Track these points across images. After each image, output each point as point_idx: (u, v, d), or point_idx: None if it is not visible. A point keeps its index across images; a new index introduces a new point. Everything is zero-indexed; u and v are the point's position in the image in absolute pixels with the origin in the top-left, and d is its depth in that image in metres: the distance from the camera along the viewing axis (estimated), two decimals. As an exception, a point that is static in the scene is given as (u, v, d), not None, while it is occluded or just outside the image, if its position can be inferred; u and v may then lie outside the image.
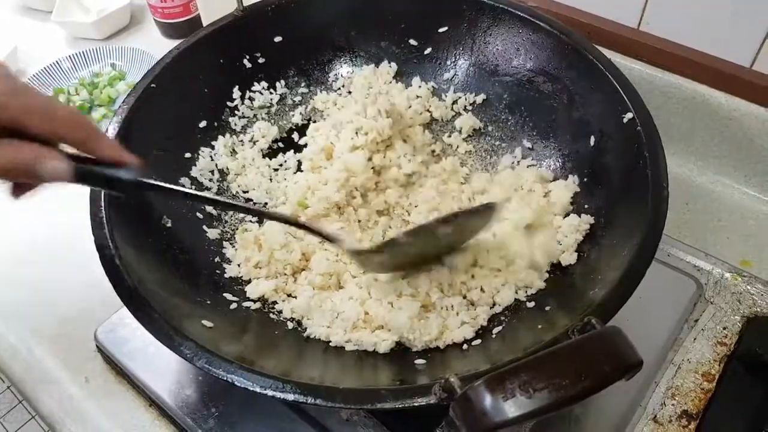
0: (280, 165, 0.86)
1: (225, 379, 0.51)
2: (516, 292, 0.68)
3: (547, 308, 0.64)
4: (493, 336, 0.64)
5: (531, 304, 0.66)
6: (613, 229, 0.67)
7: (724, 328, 0.75)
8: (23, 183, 0.51)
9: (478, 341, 0.63)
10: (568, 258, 0.69)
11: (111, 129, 0.71)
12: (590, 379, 0.43)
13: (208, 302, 0.66)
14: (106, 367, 0.75)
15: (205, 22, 1.11)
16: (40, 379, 0.74)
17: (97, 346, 0.76)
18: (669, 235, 0.83)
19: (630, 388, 0.70)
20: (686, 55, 0.90)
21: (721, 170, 0.93)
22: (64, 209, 0.90)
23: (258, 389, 0.51)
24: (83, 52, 1.16)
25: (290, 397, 0.50)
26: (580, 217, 0.72)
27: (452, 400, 0.44)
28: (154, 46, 1.16)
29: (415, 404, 0.48)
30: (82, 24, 1.22)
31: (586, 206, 0.73)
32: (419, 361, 0.62)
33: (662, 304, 0.77)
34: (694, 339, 0.74)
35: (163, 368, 0.72)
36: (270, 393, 0.50)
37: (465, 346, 0.64)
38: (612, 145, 0.72)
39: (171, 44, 1.18)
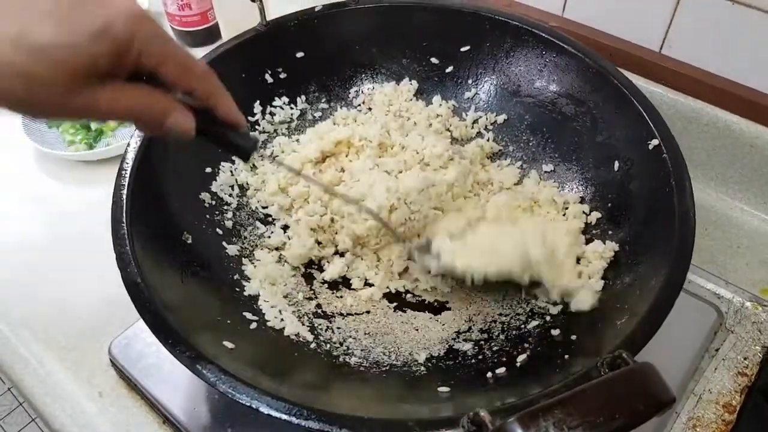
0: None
1: (249, 405, 0.51)
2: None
3: (573, 337, 0.63)
4: (518, 365, 0.63)
5: (556, 332, 0.66)
6: (639, 258, 0.66)
7: (745, 359, 0.74)
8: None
9: (502, 369, 0.63)
10: (594, 285, 0.68)
11: (132, 142, 0.71)
12: (624, 418, 0.42)
13: (228, 321, 0.66)
14: (119, 381, 0.74)
15: (222, 31, 1.11)
16: (51, 392, 0.73)
17: (110, 360, 0.75)
18: (689, 262, 0.83)
19: (651, 420, 0.69)
20: (708, 80, 0.89)
21: (740, 196, 0.92)
22: (80, 220, 0.91)
23: (284, 416, 0.50)
24: (100, 60, 1.15)
25: (315, 425, 0.49)
26: (604, 243, 0.71)
27: None
28: (171, 54, 1.15)
29: (442, 437, 0.48)
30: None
31: (610, 233, 0.73)
32: (443, 389, 0.61)
33: (682, 333, 0.76)
34: (715, 369, 0.73)
35: (177, 385, 0.71)
36: (295, 421, 0.49)
37: (489, 374, 0.63)
38: (637, 171, 0.72)
39: (189, 53, 1.19)
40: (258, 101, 0.86)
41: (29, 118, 0.99)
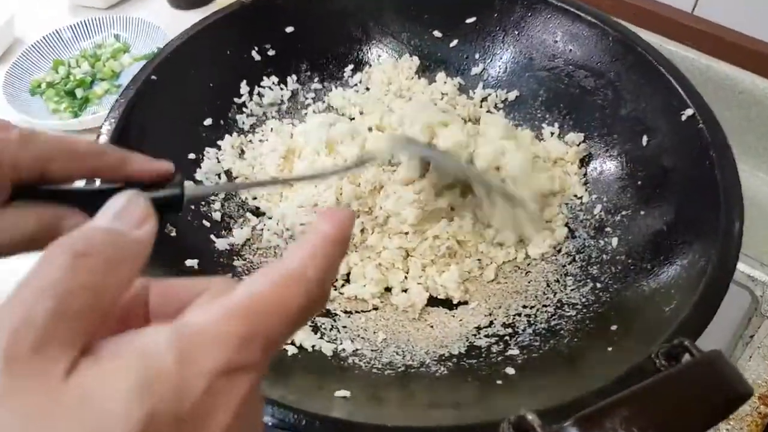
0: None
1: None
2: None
3: (614, 328, 0.56)
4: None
5: (592, 325, 0.59)
6: (682, 238, 0.59)
7: (782, 347, 0.69)
8: None
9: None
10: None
11: (107, 125, 0.63)
12: (699, 416, 0.35)
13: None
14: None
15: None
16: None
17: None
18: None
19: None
20: (744, 43, 0.84)
21: (779, 171, 0.87)
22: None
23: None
24: (85, 22, 1.07)
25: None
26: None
27: None
28: (161, 16, 1.08)
29: (481, 444, 0.41)
30: (85, -9, 1.13)
31: (642, 212, 0.66)
32: (467, 390, 0.54)
33: (714, 318, 0.71)
34: (750, 357, 0.68)
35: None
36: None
37: (512, 371, 0.56)
38: (669, 144, 0.66)
39: (178, 14, 1.12)
40: (245, 81, 0.78)
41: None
